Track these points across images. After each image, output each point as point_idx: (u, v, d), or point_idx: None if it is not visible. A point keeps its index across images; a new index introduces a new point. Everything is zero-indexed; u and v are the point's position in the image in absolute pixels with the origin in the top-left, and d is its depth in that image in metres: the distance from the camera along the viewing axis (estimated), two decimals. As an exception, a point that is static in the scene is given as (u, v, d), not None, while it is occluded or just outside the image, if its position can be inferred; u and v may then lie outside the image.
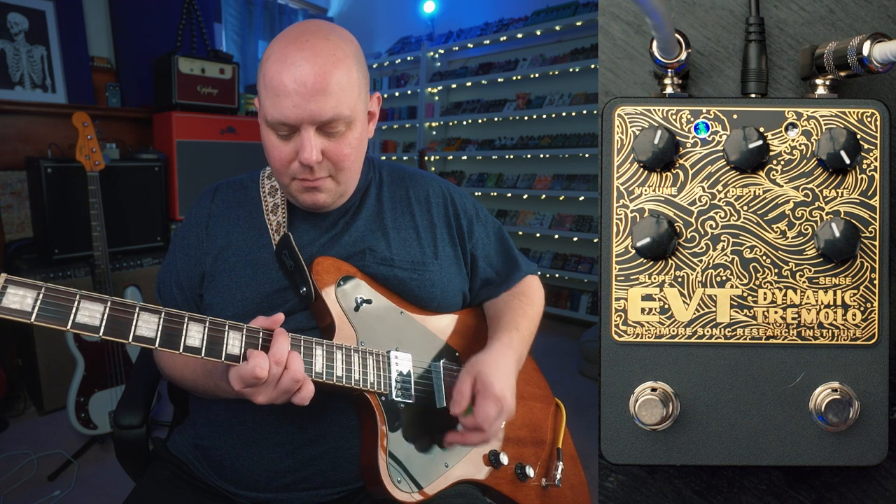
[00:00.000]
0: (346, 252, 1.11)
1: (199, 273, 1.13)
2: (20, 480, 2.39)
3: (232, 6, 5.42)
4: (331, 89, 0.97)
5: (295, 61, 0.97)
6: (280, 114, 0.98)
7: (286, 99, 0.97)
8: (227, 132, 3.53)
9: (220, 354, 0.89)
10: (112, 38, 3.76)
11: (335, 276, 1.06)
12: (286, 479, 1.05)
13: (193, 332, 0.87)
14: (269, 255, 1.09)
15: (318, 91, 0.97)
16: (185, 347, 0.86)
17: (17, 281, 0.76)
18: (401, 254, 1.13)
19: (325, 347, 0.98)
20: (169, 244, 3.32)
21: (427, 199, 1.20)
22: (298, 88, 0.96)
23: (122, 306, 0.83)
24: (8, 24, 3.14)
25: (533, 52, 5.11)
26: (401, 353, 1.07)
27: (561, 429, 1.26)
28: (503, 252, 1.28)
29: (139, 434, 1.19)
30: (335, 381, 0.97)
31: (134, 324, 0.83)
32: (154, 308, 0.86)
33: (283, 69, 0.97)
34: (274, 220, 1.11)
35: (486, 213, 1.28)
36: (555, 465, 1.21)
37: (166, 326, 0.85)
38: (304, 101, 0.97)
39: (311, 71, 0.97)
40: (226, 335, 0.89)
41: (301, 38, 0.99)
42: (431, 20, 5.90)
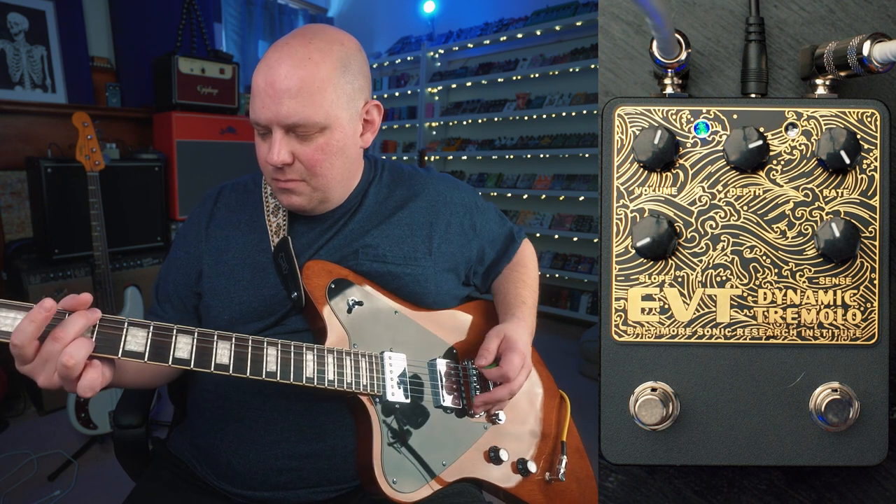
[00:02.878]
0: (339, 252, 1.11)
1: (196, 271, 1.13)
2: (20, 480, 2.39)
3: (232, 6, 5.42)
4: (301, 93, 0.97)
5: (270, 63, 0.99)
6: (253, 113, 1.01)
7: (257, 99, 0.99)
8: (227, 132, 3.53)
9: (210, 365, 0.90)
10: (112, 38, 3.76)
11: (326, 279, 1.06)
12: (282, 477, 1.05)
13: (182, 344, 0.88)
14: (268, 258, 1.09)
15: (285, 93, 0.97)
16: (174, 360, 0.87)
17: (3, 303, 0.79)
18: (393, 250, 1.13)
19: (316, 352, 0.98)
20: (170, 244, 3.33)
21: (425, 197, 1.20)
22: (267, 89, 0.98)
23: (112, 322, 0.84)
24: (8, 24, 3.14)
25: (533, 52, 5.11)
26: (395, 354, 1.07)
27: (565, 422, 1.25)
28: (501, 230, 1.31)
29: (139, 434, 1.19)
30: (327, 386, 0.97)
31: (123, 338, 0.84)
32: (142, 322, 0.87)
33: (260, 69, 0.99)
34: (274, 221, 1.11)
35: (480, 198, 1.30)
36: (559, 459, 1.20)
37: (155, 340, 0.86)
38: (272, 102, 0.97)
39: (281, 73, 0.97)
40: (214, 345, 0.91)
41: (285, 41, 1.01)
42: (431, 20, 5.90)
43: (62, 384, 0.81)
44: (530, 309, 1.22)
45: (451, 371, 1.13)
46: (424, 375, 1.09)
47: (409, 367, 1.08)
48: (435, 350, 1.13)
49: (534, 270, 1.33)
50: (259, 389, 1.05)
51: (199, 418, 1.13)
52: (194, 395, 1.15)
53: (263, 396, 1.06)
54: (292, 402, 1.05)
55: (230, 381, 1.07)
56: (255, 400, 1.06)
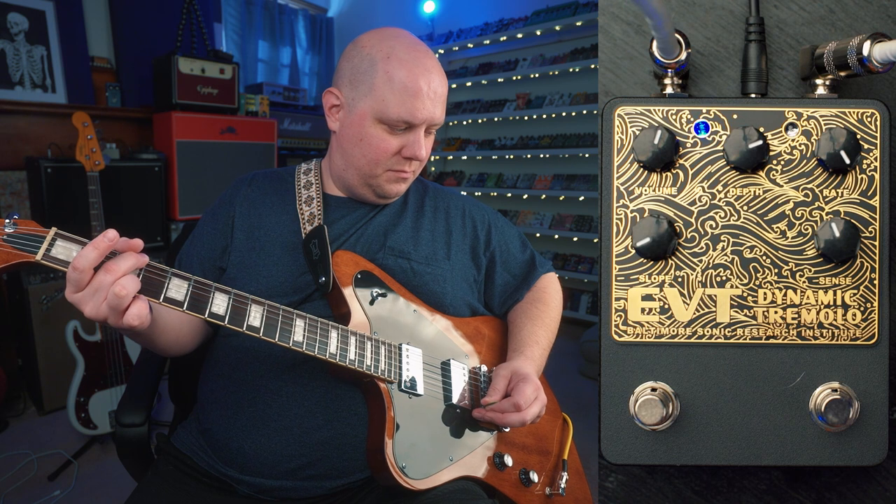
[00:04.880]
0: (366, 245, 1.16)
1: (222, 246, 1.17)
2: (20, 480, 2.39)
3: (232, 6, 5.42)
4: (445, 98, 1.14)
5: (428, 67, 1.10)
6: (408, 113, 1.08)
7: (418, 101, 1.08)
8: (227, 132, 3.53)
9: (243, 324, 0.93)
10: (112, 38, 3.76)
11: (353, 269, 1.11)
12: (292, 463, 1.05)
13: (219, 301, 0.92)
14: (299, 241, 1.14)
15: (440, 98, 1.12)
16: (210, 314, 0.91)
17: (65, 235, 0.86)
18: (417, 249, 1.18)
19: (340, 331, 1.01)
20: (170, 244, 3.33)
21: (446, 209, 1.27)
22: (430, 93, 1.09)
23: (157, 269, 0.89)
24: (8, 24, 3.14)
25: (533, 52, 5.10)
26: (412, 348, 1.10)
27: (567, 442, 1.27)
28: (521, 255, 1.33)
29: (141, 432, 1.19)
30: (347, 364, 1.00)
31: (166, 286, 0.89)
32: (184, 275, 0.91)
33: (419, 73, 1.08)
34: (307, 210, 1.16)
35: (504, 220, 1.35)
36: (559, 475, 1.21)
37: (195, 293, 0.90)
38: (432, 104, 1.10)
39: (439, 80, 1.11)
40: (248, 307, 0.95)
41: (420, 46, 1.12)
42: (431, 20, 5.90)
43: (108, 315, 0.85)
44: (542, 350, 1.23)
45: (464, 374, 1.15)
46: (438, 373, 1.11)
47: (424, 363, 1.10)
48: (449, 352, 1.15)
49: (555, 311, 1.32)
50: (276, 375, 1.07)
51: (211, 404, 1.14)
52: (207, 381, 1.17)
53: (280, 382, 1.07)
54: (308, 388, 1.06)
55: (247, 365, 1.10)
56: (272, 385, 1.08)
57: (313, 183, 1.20)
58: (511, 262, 1.31)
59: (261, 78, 5.78)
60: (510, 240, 1.32)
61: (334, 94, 1.14)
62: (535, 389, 1.09)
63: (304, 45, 6.31)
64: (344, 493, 1.07)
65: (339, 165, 1.17)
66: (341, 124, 1.14)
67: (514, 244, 1.32)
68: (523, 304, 1.30)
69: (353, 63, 1.12)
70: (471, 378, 1.15)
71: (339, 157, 1.17)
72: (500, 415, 1.07)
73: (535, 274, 1.32)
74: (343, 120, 1.14)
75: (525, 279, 1.31)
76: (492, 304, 1.31)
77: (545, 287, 1.34)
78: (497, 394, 1.08)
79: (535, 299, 1.31)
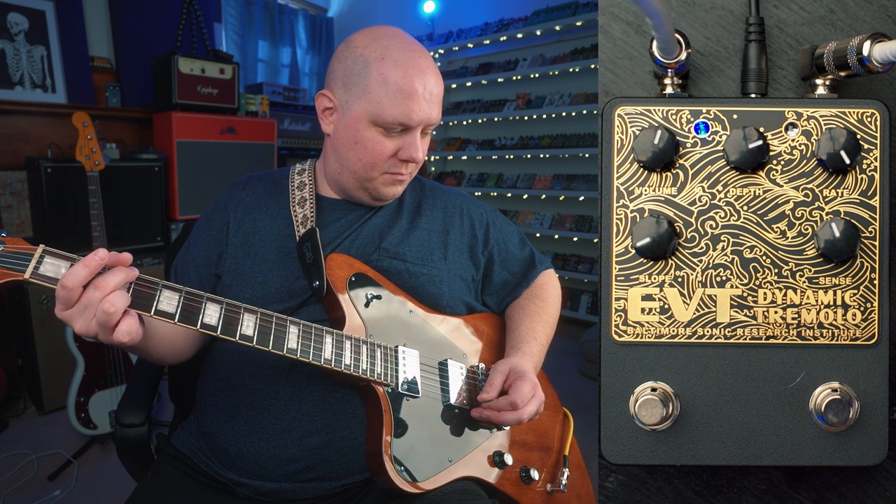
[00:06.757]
0: (361, 248, 1.15)
1: (218, 252, 1.16)
2: (20, 480, 2.39)
3: (232, 6, 5.42)
4: (441, 99, 1.11)
5: (423, 68, 1.07)
6: (404, 115, 1.06)
7: (414, 102, 1.06)
8: (226, 132, 3.53)
9: (235, 334, 0.93)
10: (112, 38, 3.76)
11: (347, 272, 1.09)
12: (291, 467, 1.05)
13: (211, 311, 0.92)
14: (293, 245, 1.13)
15: (436, 99, 1.09)
16: (202, 325, 0.90)
17: (53, 252, 0.85)
18: (413, 250, 1.17)
19: (335, 336, 1.01)
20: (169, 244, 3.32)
21: (444, 208, 1.25)
22: (426, 94, 1.07)
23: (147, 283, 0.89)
24: (8, 24, 3.14)
25: (533, 52, 5.11)
26: (408, 349, 1.09)
27: (568, 438, 1.27)
28: (520, 253, 1.32)
29: (141, 433, 1.19)
30: (343, 369, 0.99)
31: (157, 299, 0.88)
32: (175, 286, 0.91)
33: (414, 74, 1.05)
34: (300, 212, 1.15)
35: (503, 218, 1.34)
36: (561, 471, 1.21)
37: (186, 304, 0.90)
38: (428, 106, 1.08)
39: (434, 81, 1.08)
40: (241, 317, 0.94)
41: (415, 45, 1.10)
42: (431, 20, 5.90)
43: (98, 331, 0.85)
44: (540, 346, 1.22)
45: (462, 373, 1.14)
46: (435, 374, 1.11)
47: (421, 364, 1.09)
48: (446, 352, 1.14)
49: (553, 307, 1.32)
50: (273, 378, 1.07)
51: (209, 407, 1.14)
52: (206, 384, 1.16)
53: (277, 386, 1.07)
54: (306, 392, 1.06)
55: (245, 369, 1.09)
56: (270, 388, 1.07)
57: (307, 183, 1.19)
58: (510, 260, 1.30)
59: (261, 78, 5.78)
60: (509, 238, 1.31)
61: (327, 97, 1.12)
62: (532, 387, 1.08)
63: (304, 45, 6.32)
64: (343, 494, 1.07)
65: (334, 168, 1.16)
66: (335, 127, 1.12)
67: (513, 242, 1.32)
68: (521, 300, 1.29)
69: (345, 64, 1.09)
70: (469, 377, 1.15)
71: (334, 159, 1.15)
72: (497, 413, 1.07)
73: (534, 271, 1.32)
74: (337, 123, 1.12)
75: (524, 277, 1.31)
76: (490, 302, 1.30)
77: (544, 284, 1.33)
78: (493, 390, 1.08)
79: (534, 296, 1.30)
